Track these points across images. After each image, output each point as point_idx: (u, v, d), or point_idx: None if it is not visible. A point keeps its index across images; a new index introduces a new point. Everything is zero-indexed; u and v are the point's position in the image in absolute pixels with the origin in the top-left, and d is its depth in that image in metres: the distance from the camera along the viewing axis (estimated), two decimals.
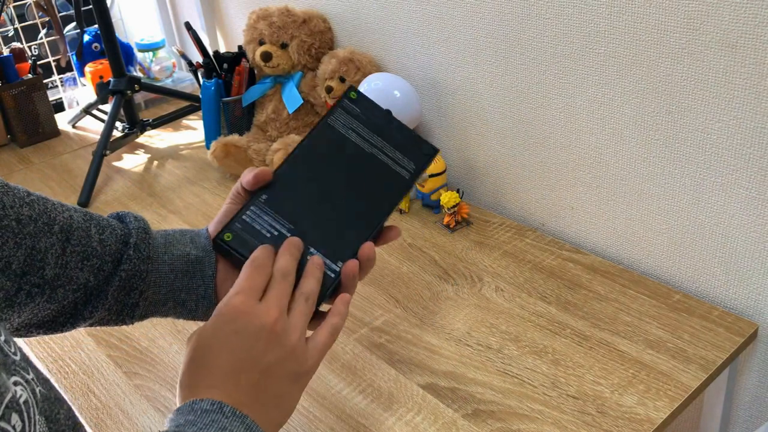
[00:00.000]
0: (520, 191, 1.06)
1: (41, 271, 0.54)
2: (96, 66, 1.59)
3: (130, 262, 0.57)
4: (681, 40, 0.77)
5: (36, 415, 0.40)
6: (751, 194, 0.79)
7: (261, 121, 1.29)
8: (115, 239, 0.59)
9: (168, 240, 0.61)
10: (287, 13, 1.21)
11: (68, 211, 0.57)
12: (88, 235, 0.57)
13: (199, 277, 0.61)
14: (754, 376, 0.87)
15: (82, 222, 0.57)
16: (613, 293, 0.88)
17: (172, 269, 0.60)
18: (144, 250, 0.58)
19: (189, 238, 0.62)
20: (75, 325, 0.58)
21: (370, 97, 0.66)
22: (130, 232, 0.59)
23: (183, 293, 0.61)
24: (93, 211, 0.60)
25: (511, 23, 0.94)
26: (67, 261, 0.55)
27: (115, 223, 0.60)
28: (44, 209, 0.55)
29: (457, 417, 0.73)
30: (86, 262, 0.56)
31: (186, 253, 0.61)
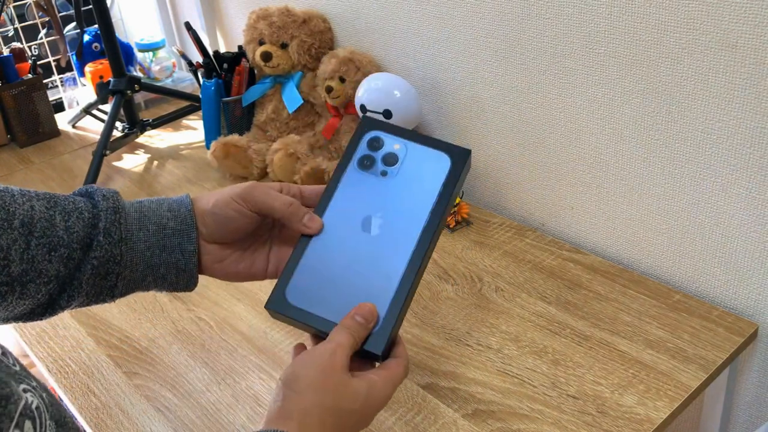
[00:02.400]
0: (520, 191, 1.06)
1: (7, 268, 0.52)
2: (96, 66, 1.59)
3: (101, 249, 0.55)
4: (681, 40, 0.77)
5: (47, 420, 0.40)
6: (751, 194, 0.79)
7: (261, 121, 1.29)
8: (82, 224, 0.56)
9: (143, 213, 0.59)
10: (287, 13, 1.21)
11: (30, 201, 0.55)
12: (53, 225, 0.54)
13: (178, 252, 0.59)
14: (754, 376, 0.87)
15: (44, 211, 0.55)
16: (613, 293, 0.88)
17: (148, 246, 0.58)
18: (115, 233, 0.56)
19: (167, 207, 0.60)
20: (54, 313, 0.57)
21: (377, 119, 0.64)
22: (99, 214, 0.56)
23: (162, 268, 0.59)
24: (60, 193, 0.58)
25: (511, 23, 0.94)
26: (33, 255, 0.53)
27: (82, 205, 0.57)
28: (2, 204, 0.53)
29: (457, 417, 0.73)
30: (54, 253, 0.54)
31: (162, 226, 0.58)
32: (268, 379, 0.81)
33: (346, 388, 0.51)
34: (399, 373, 0.55)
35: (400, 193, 0.60)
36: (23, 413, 0.37)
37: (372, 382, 0.53)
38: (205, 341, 0.87)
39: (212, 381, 0.81)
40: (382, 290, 0.56)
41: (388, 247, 0.58)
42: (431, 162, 0.61)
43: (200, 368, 0.83)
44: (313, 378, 0.51)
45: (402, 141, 0.62)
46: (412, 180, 0.60)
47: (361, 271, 0.57)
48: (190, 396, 0.79)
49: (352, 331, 0.54)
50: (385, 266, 0.57)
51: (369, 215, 0.59)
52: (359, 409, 0.52)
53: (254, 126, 1.30)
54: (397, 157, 0.61)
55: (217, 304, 0.94)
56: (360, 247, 0.58)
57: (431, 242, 0.58)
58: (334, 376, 0.51)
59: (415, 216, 0.59)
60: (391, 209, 0.59)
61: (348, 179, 0.61)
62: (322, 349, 0.52)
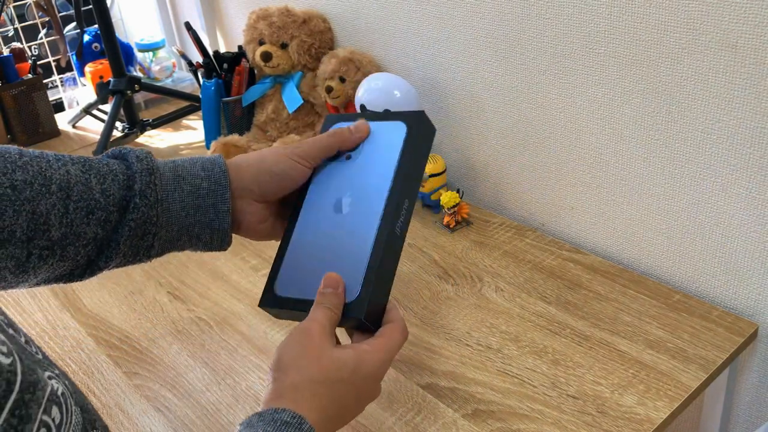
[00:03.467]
0: (520, 191, 1.06)
1: (47, 233, 0.52)
2: (96, 66, 1.59)
3: (137, 211, 0.56)
4: (681, 40, 0.77)
5: (72, 406, 0.41)
6: (751, 194, 0.79)
7: (261, 121, 1.29)
8: (118, 186, 0.56)
9: (177, 173, 0.59)
10: (287, 13, 1.21)
11: (65, 165, 0.55)
12: (89, 188, 0.55)
13: (212, 212, 0.59)
14: (754, 376, 0.87)
15: (80, 175, 0.55)
16: (613, 293, 0.88)
17: (183, 206, 0.59)
18: (151, 195, 0.56)
19: (200, 166, 0.60)
20: (92, 274, 0.58)
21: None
22: (134, 176, 0.57)
23: (196, 228, 0.60)
24: (93, 157, 0.58)
25: (511, 23, 0.94)
26: (71, 219, 0.54)
27: (117, 167, 0.57)
28: (39, 170, 0.53)
29: (457, 417, 0.73)
30: (91, 216, 0.55)
31: (197, 186, 0.59)
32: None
33: (329, 359, 0.52)
34: (395, 338, 0.56)
35: (365, 170, 0.62)
36: (50, 399, 0.38)
37: (361, 350, 0.54)
38: (205, 341, 0.87)
39: (212, 381, 0.81)
40: (356, 261, 0.58)
41: (359, 220, 0.60)
42: (389, 133, 0.63)
43: (200, 368, 0.83)
44: (294, 355, 0.52)
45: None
46: (374, 154, 0.63)
47: (338, 249, 0.59)
48: (190, 396, 0.79)
49: (325, 303, 0.55)
50: (358, 238, 0.59)
51: (339, 197, 0.62)
52: (349, 377, 0.52)
53: (254, 126, 1.30)
54: None
55: (217, 304, 0.94)
56: (335, 228, 0.60)
57: (400, 205, 0.59)
58: (314, 349, 0.52)
59: (379, 185, 0.61)
60: (357, 186, 0.62)
61: (318, 172, 0.64)
62: (299, 328, 0.54)
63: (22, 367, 0.36)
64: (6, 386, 0.34)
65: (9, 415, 0.34)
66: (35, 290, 1.00)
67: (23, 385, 0.36)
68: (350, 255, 0.58)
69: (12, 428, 0.34)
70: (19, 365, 0.36)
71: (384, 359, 0.54)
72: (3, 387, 0.34)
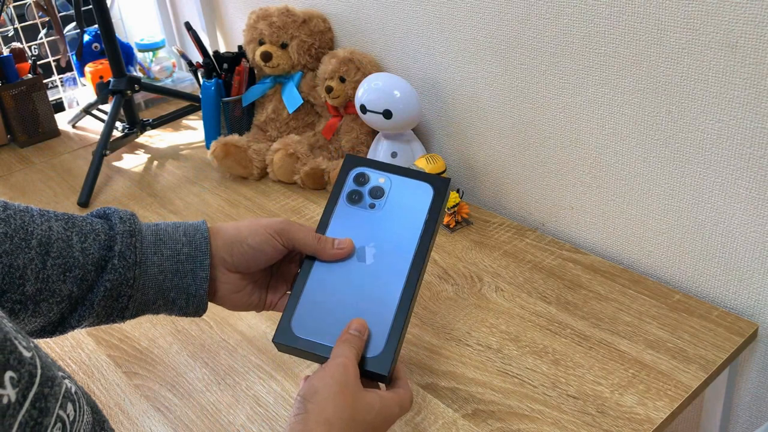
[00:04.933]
0: (520, 191, 1.06)
1: (22, 287, 0.52)
2: (96, 66, 1.59)
3: (115, 272, 0.56)
4: (681, 40, 0.77)
5: (85, 405, 0.42)
6: (751, 194, 0.79)
7: (261, 121, 1.29)
8: (98, 246, 0.57)
9: (159, 237, 0.60)
10: (287, 13, 1.21)
11: (48, 221, 0.56)
12: (69, 246, 0.55)
13: (190, 278, 0.60)
14: (754, 376, 0.87)
15: (62, 232, 0.56)
16: (613, 293, 0.88)
17: (161, 270, 0.59)
18: (130, 257, 0.57)
19: (182, 231, 0.61)
20: (64, 332, 0.58)
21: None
22: (115, 236, 0.57)
23: (173, 292, 0.60)
24: (78, 214, 0.59)
25: (511, 23, 0.94)
26: (48, 275, 0.54)
27: (99, 226, 0.58)
28: (21, 224, 0.54)
29: (457, 417, 0.73)
30: (68, 274, 0.55)
31: (177, 252, 0.60)
32: (268, 379, 0.81)
33: (362, 401, 0.54)
34: (406, 399, 0.58)
35: (390, 223, 0.64)
36: (65, 395, 0.39)
37: (384, 397, 0.56)
38: (205, 341, 0.87)
39: (212, 381, 0.81)
40: (382, 315, 0.60)
41: (384, 275, 0.62)
42: (415, 192, 0.65)
43: (200, 368, 0.83)
44: (331, 391, 0.53)
45: (386, 175, 0.66)
46: (400, 210, 0.64)
47: (361, 299, 0.61)
48: (190, 396, 0.79)
49: (352, 344, 0.57)
50: (383, 293, 0.61)
51: (363, 246, 0.63)
52: (372, 420, 0.54)
53: (254, 126, 1.30)
54: (383, 190, 0.65)
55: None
56: (357, 276, 0.62)
57: (423, 266, 0.62)
58: (350, 389, 0.54)
59: (405, 243, 0.63)
60: (382, 239, 0.63)
61: (339, 214, 0.65)
62: (334, 365, 0.55)
63: (42, 362, 0.37)
64: (29, 378, 0.35)
65: (30, 406, 0.35)
66: None
67: (43, 379, 0.36)
68: (374, 309, 0.60)
69: (32, 420, 0.35)
70: (39, 360, 0.37)
71: (396, 415, 0.57)
72: (26, 378, 0.35)
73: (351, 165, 0.67)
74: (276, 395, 0.78)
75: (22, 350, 0.36)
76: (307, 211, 1.14)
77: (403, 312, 0.60)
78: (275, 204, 1.17)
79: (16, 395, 0.34)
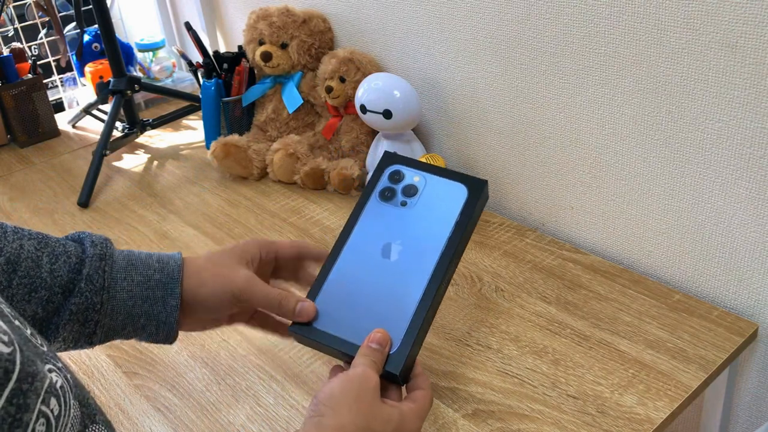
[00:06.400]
0: (520, 191, 1.06)
1: None
2: (96, 66, 1.59)
3: (81, 295, 0.56)
4: (681, 40, 0.77)
5: (71, 400, 0.42)
6: (751, 194, 0.79)
7: (261, 121, 1.29)
8: (68, 269, 0.56)
9: (131, 263, 0.59)
10: (287, 13, 1.21)
11: (20, 239, 0.55)
12: (38, 266, 0.55)
13: (160, 304, 0.59)
14: (754, 376, 0.87)
15: (33, 251, 0.55)
16: (613, 293, 0.88)
17: (130, 296, 0.59)
18: (97, 281, 0.56)
19: (156, 259, 0.61)
20: None
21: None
22: (85, 259, 0.57)
23: (142, 319, 0.60)
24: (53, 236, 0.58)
25: (511, 23, 0.94)
26: (12, 293, 0.53)
27: (72, 249, 0.57)
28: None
29: (457, 417, 0.73)
30: (34, 294, 0.54)
31: (148, 278, 0.59)
32: (268, 379, 0.81)
33: (380, 413, 0.54)
34: (426, 406, 0.58)
35: (419, 222, 0.63)
36: (49, 391, 0.38)
37: (404, 413, 0.55)
38: (205, 341, 0.87)
39: (212, 381, 0.81)
40: (400, 314, 0.59)
41: (406, 273, 0.61)
42: (449, 192, 0.64)
43: (200, 368, 0.83)
44: (348, 399, 0.53)
45: (422, 174, 0.65)
46: (431, 209, 0.63)
47: (381, 295, 0.60)
48: (190, 396, 0.79)
49: (372, 357, 0.57)
50: (404, 291, 0.60)
51: (389, 242, 0.62)
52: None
53: (254, 126, 1.30)
54: (417, 188, 0.64)
55: None
56: (380, 272, 0.61)
57: (449, 268, 0.61)
58: (367, 400, 0.54)
59: (432, 243, 0.62)
60: (410, 237, 0.62)
61: (370, 209, 0.64)
62: (354, 374, 0.55)
63: (22, 357, 0.37)
64: (3, 375, 0.35)
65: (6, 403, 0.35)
66: None
67: (21, 375, 0.36)
68: (394, 306, 0.59)
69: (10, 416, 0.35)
70: (19, 355, 0.37)
71: (419, 427, 0.56)
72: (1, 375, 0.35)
73: (388, 162, 0.66)
74: (276, 395, 0.78)
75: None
76: (307, 211, 1.14)
77: (422, 313, 0.59)
78: (275, 204, 1.17)
79: None
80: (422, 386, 0.59)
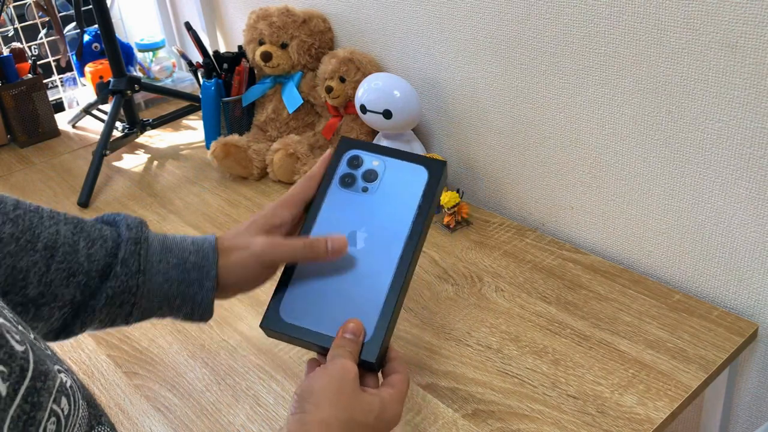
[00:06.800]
0: (520, 191, 1.06)
1: (23, 290, 0.52)
2: (96, 66, 1.59)
3: (117, 279, 0.56)
4: (681, 40, 0.77)
5: (80, 400, 0.42)
6: (751, 194, 0.79)
7: (261, 121, 1.29)
8: (104, 252, 0.57)
9: (166, 246, 0.60)
10: (287, 13, 1.21)
11: (57, 224, 0.55)
12: (75, 251, 0.55)
13: (196, 286, 0.60)
14: (754, 376, 0.87)
15: (69, 236, 0.55)
16: (613, 293, 0.88)
17: (166, 279, 0.59)
18: (133, 265, 0.57)
19: (191, 242, 0.61)
20: (67, 337, 0.58)
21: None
22: (121, 243, 0.57)
23: (178, 300, 0.60)
24: (87, 218, 0.58)
25: (511, 23, 0.94)
26: (51, 279, 0.54)
27: (107, 233, 0.58)
28: (29, 225, 0.53)
29: (457, 417, 0.73)
30: (72, 279, 0.55)
31: (183, 260, 0.59)
32: (268, 379, 0.81)
33: (360, 402, 0.54)
34: (404, 389, 0.58)
35: (382, 207, 0.62)
36: (60, 390, 0.39)
37: (384, 399, 0.56)
38: (205, 341, 0.87)
39: (212, 381, 0.81)
40: (371, 302, 0.59)
41: (374, 260, 0.60)
42: (409, 175, 0.63)
43: (200, 368, 0.83)
44: (328, 392, 0.53)
45: (380, 157, 0.65)
46: (393, 194, 0.63)
47: (351, 284, 0.60)
48: (190, 396, 0.79)
49: (348, 348, 0.57)
50: (373, 278, 0.60)
51: (354, 230, 0.62)
52: (373, 423, 0.54)
53: (254, 126, 1.30)
54: (377, 173, 0.64)
55: (217, 304, 0.93)
56: (347, 261, 0.61)
57: (415, 252, 0.61)
58: (348, 391, 0.54)
59: (397, 228, 0.61)
60: (374, 223, 0.62)
61: (331, 198, 0.64)
62: (332, 367, 0.55)
63: (35, 356, 0.37)
64: (20, 372, 0.35)
65: (22, 401, 0.35)
66: None
67: (35, 373, 0.36)
68: (364, 295, 0.59)
69: (25, 414, 0.35)
70: (32, 354, 0.37)
71: (400, 411, 0.57)
72: (17, 373, 0.35)
73: (345, 147, 0.66)
74: (276, 395, 0.78)
75: (14, 344, 0.36)
76: None
77: (393, 298, 0.58)
78: None
79: (7, 389, 0.34)
80: (398, 370, 0.59)
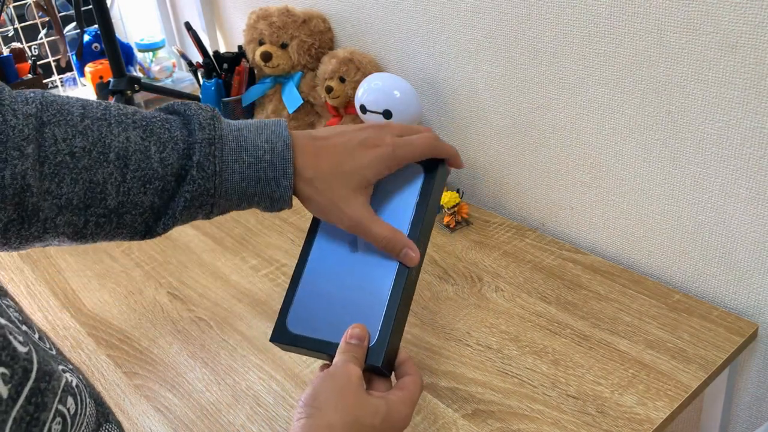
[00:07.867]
0: (520, 191, 1.06)
1: (104, 201, 0.53)
2: (96, 66, 1.59)
3: (194, 183, 0.55)
4: (681, 40, 0.77)
5: (87, 398, 0.42)
6: (751, 194, 0.79)
7: None
8: (177, 155, 0.55)
9: (240, 144, 0.58)
10: (287, 13, 1.21)
11: (126, 131, 0.54)
12: (148, 157, 0.54)
13: (273, 184, 0.58)
14: (754, 376, 0.87)
15: (140, 142, 0.54)
16: (613, 293, 0.88)
17: (243, 177, 0.57)
18: (209, 167, 0.55)
19: (264, 139, 0.59)
20: (153, 237, 0.58)
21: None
22: (194, 144, 0.55)
23: (256, 197, 0.59)
24: (156, 115, 0.57)
25: (511, 23, 0.94)
26: (128, 188, 0.53)
27: (178, 133, 0.56)
28: (99, 136, 0.53)
29: (457, 417, 0.73)
30: (149, 186, 0.54)
31: (258, 159, 0.58)
32: (268, 379, 0.81)
33: (365, 405, 0.53)
34: (415, 391, 0.57)
35: (380, 209, 0.62)
36: (65, 389, 0.38)
37: (391, 402, 0.55)
38: (205, 341, 0.87)
39: (212, 381, 0.81)
40: (374, 306, 0.58)
41: (375, 264, 0.60)
42: (405, 175, 0.63)
43: (200, 368, 0.83)
44: (333, 396, 0.53)
45: None
46: (390, 195, 0.62)
47: (354, 290, 0.60)
48: (190, 396, 0.79)
49: (352, 353, 0.56)
50: (374, 282, 0.59)
51: (354, 236, 0.61)
52: (379, 425, 0.53)
53: None
54: None
55: (217, 304, 0.94)
56: (349, 267, 0.61)
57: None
58: (351, 395, 0.53)
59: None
60: None
61: None
62: (335, 371, 0.55)
63: (38, 357, 0.37)
64: (23, 374, 0.35)
65: (25, 402, 0.35)
66: (35, 290, 1.00)
67: (39, 374, 0.36)
68: (367, 299, 0.59)
69: (28, 415, 0.35)
70: (35, 355, 0.37)
71: (408, 413, 0.56)
72: (20, 374, 0.35)
73: None
74: (276, 395, 0.78)
75: (16, 345, 0.35)
76: (307, 212, 1.13)
77: (395, 301, 0.58)
78: None
79: (9, 391, 0.34)
80: (409, 372, 0.58)
